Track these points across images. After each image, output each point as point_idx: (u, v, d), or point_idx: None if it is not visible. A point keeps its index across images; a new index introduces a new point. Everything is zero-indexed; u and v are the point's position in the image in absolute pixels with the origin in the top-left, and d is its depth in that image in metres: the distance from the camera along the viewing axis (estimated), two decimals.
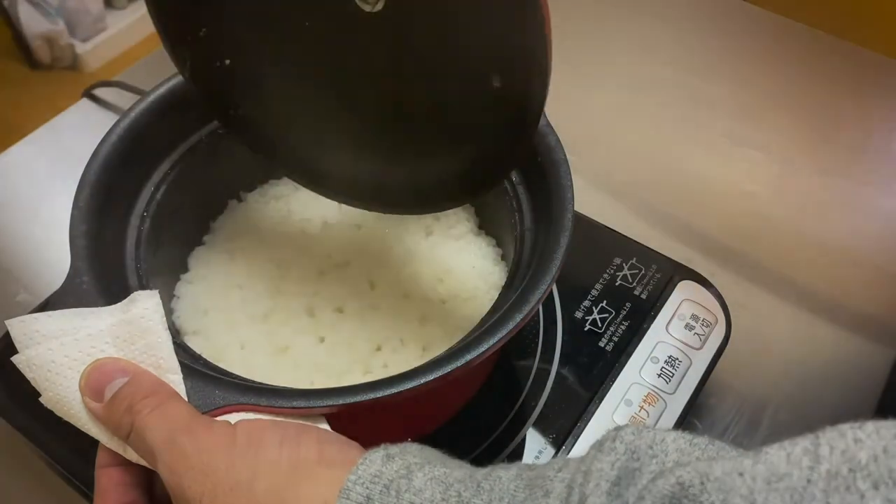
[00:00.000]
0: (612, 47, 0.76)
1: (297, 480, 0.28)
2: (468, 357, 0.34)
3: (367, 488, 0.27)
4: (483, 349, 0.34)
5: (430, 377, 0.34)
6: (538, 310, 0.47)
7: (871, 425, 0.21)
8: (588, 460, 0.26)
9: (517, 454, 0.45)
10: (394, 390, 0.33)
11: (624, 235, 0.55)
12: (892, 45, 0.74)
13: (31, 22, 1.75)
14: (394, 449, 0.29)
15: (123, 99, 0.70)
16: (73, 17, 1.82)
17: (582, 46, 0.72)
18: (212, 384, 0.34)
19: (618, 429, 0.26)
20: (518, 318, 0.36)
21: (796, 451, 0.22)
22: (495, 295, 0.44)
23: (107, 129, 0.42)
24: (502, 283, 0.46)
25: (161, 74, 0.44)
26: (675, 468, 0.24)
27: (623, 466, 0.25)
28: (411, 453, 0.29)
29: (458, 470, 0.28)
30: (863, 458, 0.21)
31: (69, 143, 0.68)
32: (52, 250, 0.60)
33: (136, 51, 1.88)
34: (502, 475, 0.27)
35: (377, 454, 0.28)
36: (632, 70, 0.74)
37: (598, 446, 0.26)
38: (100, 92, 0.71)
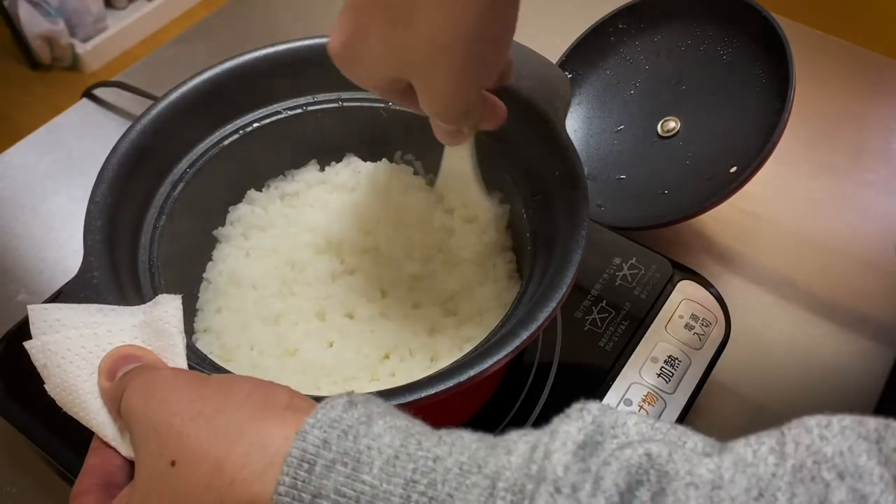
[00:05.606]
0: None
1: (262, 418, 0.28)
2: (472, 373, 0.34)
3: (325, 432, 0.26)
4: (487, 365, 0.35)
5: (432, 391, 0.34)
6: None
7: (836, 425, 0.22)
8: (554, 425, 0.26)
9: None
10: (394, 403, 0.33)
11: (624, 235, 0.55)
12: (892, 45, 0.74)
13: (31, 22, 1.75)
14: (358, 397, 0.28)
15: (123, 99, 0.70)
16: (74, 17, 1.82)
17: None
18: None
19: (585, 401, 0.26)
20: (524, 335, 0.36)
21: (762, 449, 0.23)
22: (505, 311, 0.44)
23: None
24: (513, 298, 0.46)
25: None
26: (644, 441, 0.24)
27: (589, 434, 0.25)
28: (375, 403, 0.28)
29: (419, 425, 0.28)
30: (828, 452, 0.22)
31: (69, 143, 0.68)
32: (52, 250, 0.60)
33: (136, 51, 1.88)
34: (464, 435, 0.27)
35: (340, 400, 0.28)
36: None
37: (565, 415, 0.26)
38: (100, 92, 0.71)
